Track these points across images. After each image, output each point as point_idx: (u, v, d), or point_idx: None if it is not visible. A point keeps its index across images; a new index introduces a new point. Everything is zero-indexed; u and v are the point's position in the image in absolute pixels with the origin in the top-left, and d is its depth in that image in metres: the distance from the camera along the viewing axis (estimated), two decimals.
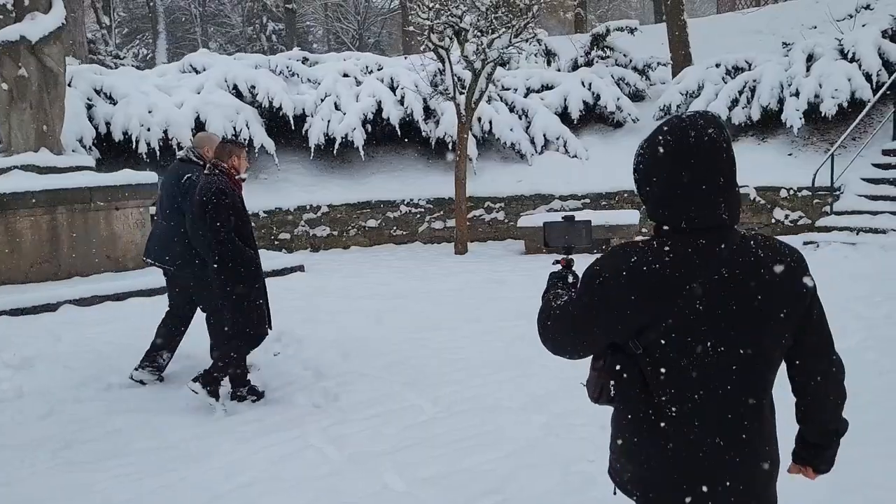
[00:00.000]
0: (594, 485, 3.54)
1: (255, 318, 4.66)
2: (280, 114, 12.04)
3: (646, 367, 1.62)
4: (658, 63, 14.22)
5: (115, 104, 11.26)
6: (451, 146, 12.03)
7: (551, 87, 13.63)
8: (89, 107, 11.10)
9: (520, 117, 13.00)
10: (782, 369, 1.73)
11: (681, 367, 1.59)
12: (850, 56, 11.02)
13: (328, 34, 39.74)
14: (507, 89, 13.56)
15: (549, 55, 15.60)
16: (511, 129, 12.59)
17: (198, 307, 5.27)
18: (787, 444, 1.87)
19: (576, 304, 1.69)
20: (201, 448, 4.10)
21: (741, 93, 11.75)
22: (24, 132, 8.89)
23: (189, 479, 3.73)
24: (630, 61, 14.47)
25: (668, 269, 1.56)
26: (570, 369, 5.26)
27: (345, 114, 12.15)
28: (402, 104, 12.36)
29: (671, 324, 1.57)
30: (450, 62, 10.33)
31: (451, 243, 11.42)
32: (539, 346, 1.86)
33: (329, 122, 12.11)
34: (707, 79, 12.29)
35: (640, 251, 1.61)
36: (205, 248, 4.63)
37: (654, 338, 1.59)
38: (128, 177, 9.12)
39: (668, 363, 1.60)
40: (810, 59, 11.48)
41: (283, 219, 11.64)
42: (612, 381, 1.67)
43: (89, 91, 11.26)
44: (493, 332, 6.34)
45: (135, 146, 10.94)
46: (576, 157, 12.62)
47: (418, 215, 12.20)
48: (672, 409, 1.61)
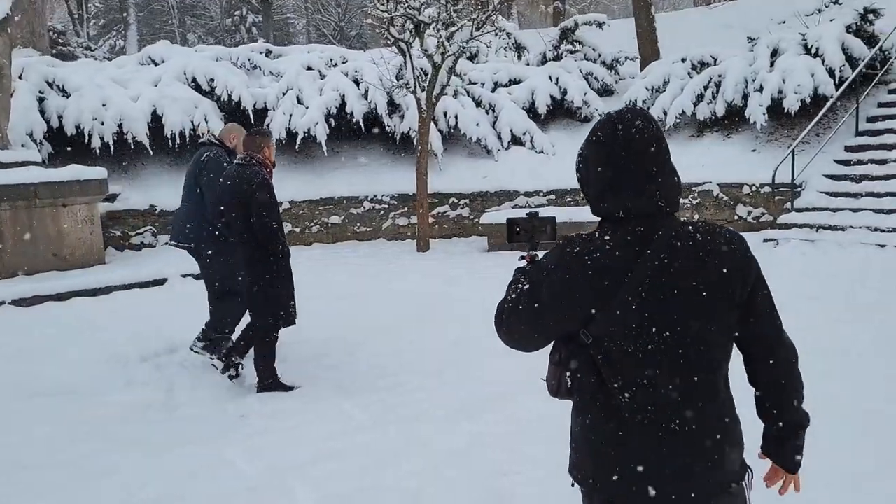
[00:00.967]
0: (512, 499, 3.42)
1: (284, 306, 4.85)
2: (241, 108, 11.81)
3: (597, 356, 1.64)
4: (626, 58, 14.12)
5: (68, 97, 10.98)
6: (416, 141, 11.86)
7: (519, 82, 13.48)
8: (41, 100, 10.80)
9: (487, 112, 12.85)
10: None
11: (628, 354, 1.61)
12: (813, 51, 10.95)
13: (308, 26, 39.39)
14: (475, 83, 13.39)
15: (519, 49, 15.47)
16: (477, 124, 12.44)
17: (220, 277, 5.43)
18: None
19: (526, 296, 1.71)
20: (103, 463, 3.92)
21: (706, 88, 11.66)
22: None
23: (81, 499, 3.56)
24: (599, 56, 14.35)
25: (609, 257, 1.60)
26: (509, 375, 5.16)
27: (307, 108, 11.95)
28: (366, 98, 12.17)
29: (616, 311, 1.59)
30: (410, 56, 10.15)
31: (414, 240, 11.27)
32: (481, 350, 1.77)
33: (291, 116, 11.90)
34: (673, 74, 12.19)
35: (584, 242, 1.65)
36: (236, 232, 4.75)
37: (602, 326, 1.61)
38: (75, 172, 8.89)
39: (616, 351, 1.62)
40: (775, 54, 11.40)
41: None
42: (568, 373, 1.70)
43: (41, 84, 10.97)
44: (438, 335, 6.20)
45: (87, 140, 10.68)
46: (542, 152, 12.49)
47: (382, 212, 12.03)
48: (625, 395, 1.63)
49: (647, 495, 1.64)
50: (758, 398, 1.77)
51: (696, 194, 10.82)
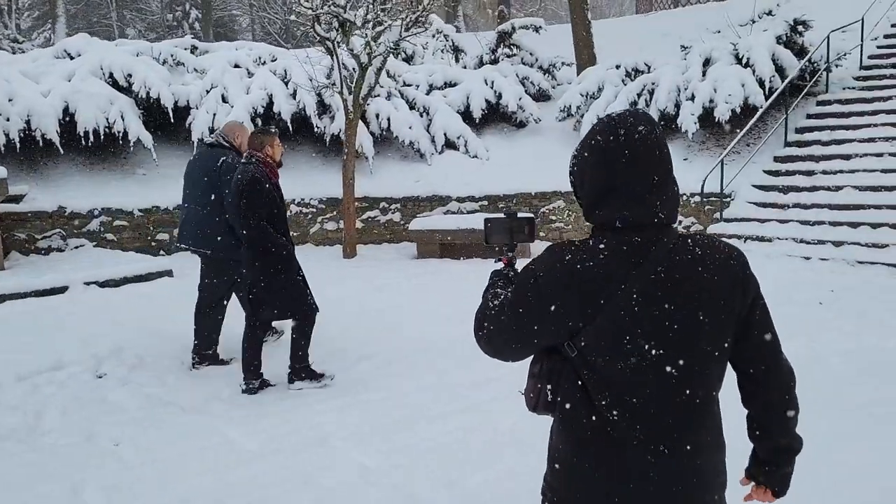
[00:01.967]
0: None
1: (297, 296, 4.86)
2: (160, 105, 11.25)
3: (582, 371, 1.56)
4: (563, 63, 14.00)
5: None
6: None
7: (455, 85, 13.23)
8: None
9: (421, 115, 12.55)
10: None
11: (618, 370, 1.52)
12: (744, 61, 10.96)
13: (253, 24, 38.50)
14: (409, 85, 13.09)
15: (457, 51, 15.24)
16: (410, 128, 12.12)
17: (230, 289, 5.62)
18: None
19: (510, 303, 1.62)
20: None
21: (640, 95, 11.59)
22: None
23: None
24: (536, 60, 14.21)
25: (603, 268, 1.51)
26: (422, 393, 4.85)
27: (232, 107, 11.46)
28: (295, 98, 11.75)
29: (606, 325, 1.51)
30: (337, 55, 9.77)
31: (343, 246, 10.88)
32: (389, 368, 1.43)
33: (215, 115, 11.39)
34: (607, 80, 12.08)
35: (575, 250, 1.56)
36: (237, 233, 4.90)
37: (590, 340, 1.53)
38: None
39: (605, 366, 1.53)
40: (707, 63, 11.39)
41: (162, 218, 10.87)
42: (549, 387, 1.62)
43: None
44: (345, 352, 5.86)
45: None
46: (476, 157, 12.25)
47: (310, 216, 11.61)
48: (613, 413, 1.54)
49: None
50: (750, 420, 1.69)
51: None
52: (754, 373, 1.64)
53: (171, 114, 11.25)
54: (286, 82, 11.99)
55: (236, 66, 12.41)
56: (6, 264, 8.98)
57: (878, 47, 12.68)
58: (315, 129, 11.85)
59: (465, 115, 12.73)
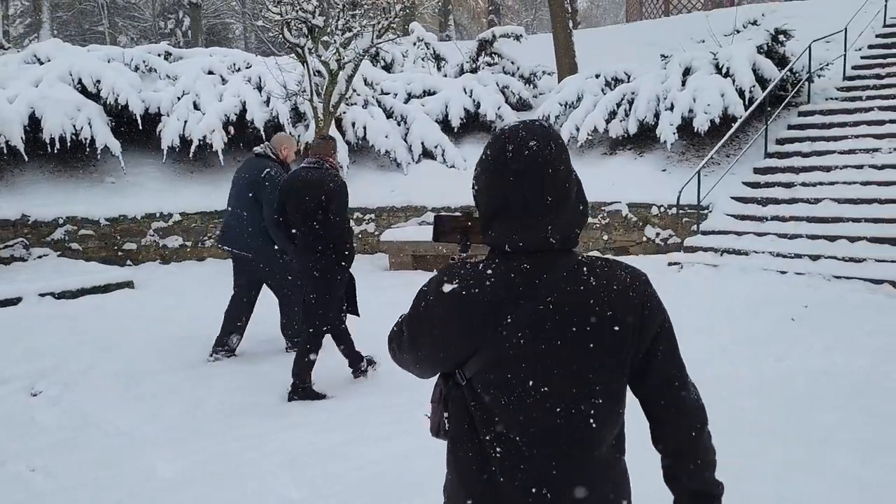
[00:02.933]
0: None
1: (335, 311, 4.96)
2: (129, 112, 11.02)
3: (469, 402, 1.46)
4: (544, 72, 13.82)
5: None
6: None
7: (433, 93, 13.03)
8: None
9: (398, 124, 12.35)
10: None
11: (503, 405, 1.41)
12: (724, 71, 10.78)
13: (246, 32, 38.36)
14: (387, 94, 12.89)
15: (438, 59, 15.06)
16: (387, 137, 11.91)
17: (259, 289, 5.92)
18: None
19: (406, 323, 1.55)
20: None
21: (619, 105, 11.39)
22: None
23: None
24: (518, 69, 14.03)
25: (489, 295, 1.40)
26: (365, 414, 4.62)
27: (204, 114, 11.24)
28: (268, 106, 11.54)
29: (492, 355, 1.40)
30: (307, 62, 9.56)
31: None
32: (334, 389, 1.19)
33: (186, 122, 11.17)
34: (586, 89, 11.89)
35: (465, 274, 1.45)
36: (310, 237, 4.79)
37: (477, 370, 1.43)
38: None
39: (490, 399, 1.42)
40: (688, 72, 11.21)
41: (129, 227, 10.63)
42: (446, 415, 1.54)
43: None
44: (286, 363, 5.59)
45: None
46: (453, 167, 12.03)
47: None
48: (497, 449, 1.42)
49: None
50: (662, 464, 1.54)
51: (605, 214, 10.50)
52: (657, 415, 1.50)
53: (139, 121, 11.01)
54: (260, 89, 11.80)
55: (210, 72, 12.20)
56: None
57: (861, 58, 12.51)
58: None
59: (444, 124, 12.53)
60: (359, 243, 11.49)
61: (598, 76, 12.10)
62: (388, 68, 14.28)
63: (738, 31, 14.24)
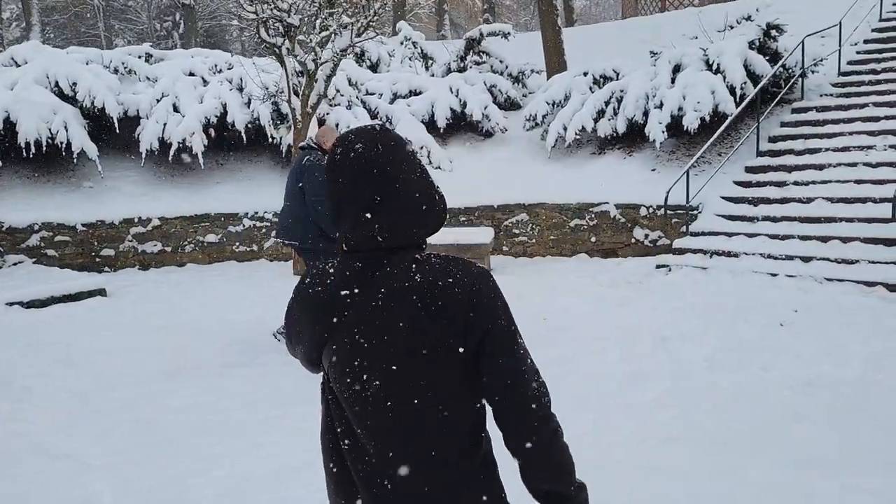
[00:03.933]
0: None
1: None
2: (106, 115, 10.79)
3: (327, 396, 1.55)
4: (532, 70, 13.56)
5: None
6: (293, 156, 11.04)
7: (420, 93, 12.77)
8: None
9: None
10: None
11: (345, 398, 1.48)
12: (715, 67, 10.51)
13: (243, 34, 38.11)
14: (372, 94, 12.64)
15: (426, 59, 14.81)
16: None
17: None
18: None
19: (284, 320, 1.61)
20: None
21: (608, 103, 11.12)
22: None
23: None
24: (506, 68, 13.77)
25: (329, 294, 1.48)
26: (295, 437, 4.29)
27: (184, 116, 11.01)
28: (249, 107, 11.30)
29: (334, 354, 1.48)
30: (285, 62, 9.31)
31: None
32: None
33: (165, 125, 10.94)
34: (574, 87, 11.62)
35: (316, 273, 1.54)
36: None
37: (327, 364, 1.51)
38: None
39: (338, 392, 1.50)
40: (678, 69, 10.94)
41: (107, 233, 10.39)
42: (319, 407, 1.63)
43: None
44: (224, 390, 5.33)
45: None
46: (439, 168, 11.77)
47: (264, 230, 11.13)
48: (345, 441, 1.50)
49: None
50: (519, 467, 1.51)
51: (593, 215, 10.24)
52: (496, 415, 1.48)
53: (116, 124, 10.77)
54: (241, 91, 11.57)
55: (191, 74, 11.97)
56: None
57: (857, 53, 12.23)
58: (271, 140, 11.39)
59: (430, 124, 12.27)
60: None
61: (586, 74, 11.83)
62: (374, 68, 14.04)
63: (731, 27, 13.94)
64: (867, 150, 9.33)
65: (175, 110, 11.15)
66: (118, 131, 10.92)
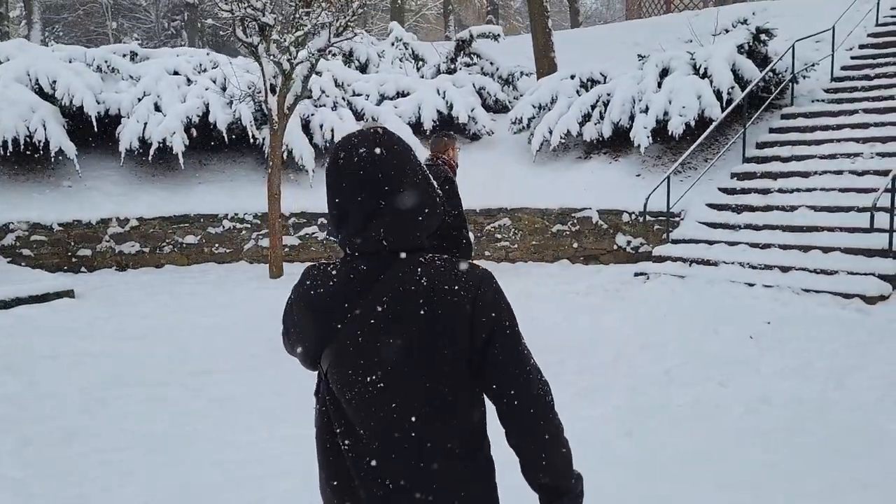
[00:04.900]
0: None
1: None
2: (85, 114, 10.70)
3: (325, 396, 1.54)
4: (522, 73, 13.39)
5: None
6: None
7: (407, 95, 12.62)
8: None
9: None
10: None
11: (347, 399, 1.49)
12: (702, 71, 10.31)
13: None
14: (359, 95, 12.50)
15: (417, 60, 14.66)
16: None
17: None
18: None
19: (282, 320, 1.62)
20: None
21: (594, 107, 10.94)
22: None
23: None
24: (496, 70, 13.60)
25: (331, 296, 1.48)
26: (245, 450, 4.15)
27: (165, 115, 10.91)
28: (231, 107, 11.19)
29: (335, 353, 1.48)
30: (261, 61, 9.19)
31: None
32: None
33: (146, 124, 10.85)
34: (561, 90, 11.44)
35: (317, 274, 1.53)
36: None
37: (328, 365, 1.51)
38: None
39: (338, 393, 1.51)
40: (665, 73, 10.74)
41: (83, 233, 10.30)
42: (315, 407, 1.62)
43: None
44: (195, 389, 5.23)
45: None
46: None
47: (244, 231, 11.01)
48: (346, 442, 1.50)
49: None
50: (521, 464, 1.55)
51: (574, 221, 10.06)
52: (501, 413, 1.51)
53: (94, 122, 10.69)
54: (225, 90, 11.46)
55: (175, 73, 11.87)
56: None
57: (852, 58, 11.99)
58: (252, 140, 11.28)
59: (417, 126, 12.11)
60: (324, 250, 11.11)
61: (573, 77, 11.64)
62: (363, 69, 13.89)
63: (726, 31, 13.72)
64: (854, 158, 9.11)
65: (157, 109, 11.05)
66: (97, 130, 10.83)
